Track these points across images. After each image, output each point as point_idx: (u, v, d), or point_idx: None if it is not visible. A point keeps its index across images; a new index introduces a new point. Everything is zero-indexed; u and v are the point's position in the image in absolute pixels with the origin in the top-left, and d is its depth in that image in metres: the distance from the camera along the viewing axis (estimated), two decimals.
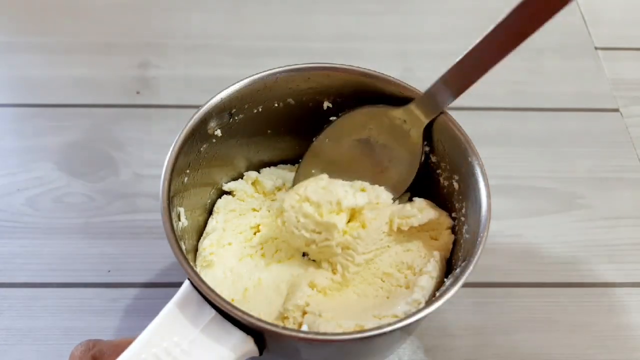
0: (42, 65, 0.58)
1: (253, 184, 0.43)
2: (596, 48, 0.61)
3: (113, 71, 0.58)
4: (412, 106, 0.38)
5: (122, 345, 0.31)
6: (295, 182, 0.42)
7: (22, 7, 0.63)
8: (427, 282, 0.36)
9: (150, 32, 0.61)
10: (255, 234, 0.41)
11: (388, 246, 0.39)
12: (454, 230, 0.39)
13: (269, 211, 0.42)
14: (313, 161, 0.42)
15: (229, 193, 0.42)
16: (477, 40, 0.34)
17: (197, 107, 0.37)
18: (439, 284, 0.37)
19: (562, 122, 0.56)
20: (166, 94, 0.56)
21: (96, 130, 0.53)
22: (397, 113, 0.39)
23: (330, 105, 0.41)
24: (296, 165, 0.44)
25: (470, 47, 0.34)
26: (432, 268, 0.37)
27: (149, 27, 0.62)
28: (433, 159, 0.40)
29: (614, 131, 0.55)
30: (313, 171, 0.42)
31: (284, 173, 0.44)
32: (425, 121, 0.38)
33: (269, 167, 0.44)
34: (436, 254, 0.38)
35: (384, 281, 0.38)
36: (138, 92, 0.56)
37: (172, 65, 0.58)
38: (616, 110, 0.57)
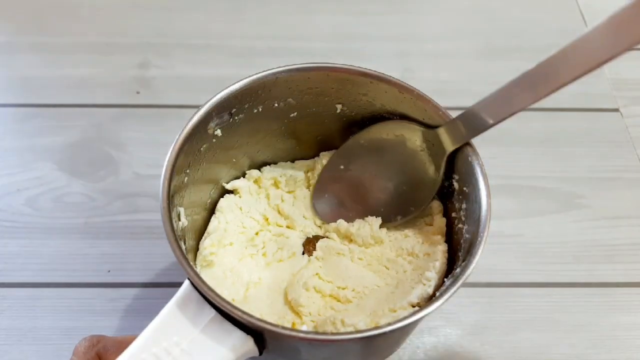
0: (42, 65, 0.58)
1: (255, 182, 0.43)
2: None
3: (113, 71, 0.58)
4: (440, 130, 0.37)
5: (126, 342, 0.31)
6: (320, 179, 0.43)
7: (22, 7, 0.63)
8: (440, 260, 0.38)
9: (150, 32, 0.61)
10: (257, 233, 0.41)
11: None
12: (448, 218, 0.40)
13: (274, 208, 0.42)
14: (340, 162, 0.42)
15: (230, 192, 0.42)
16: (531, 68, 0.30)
17: (197, 107, 0.37)
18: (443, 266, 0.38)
19: (562, 122, 0.56)
20: (166, 94, 0.56)
21: (96, 130, 0.53)
22: (423, 134, 0.38)
23: (332, 105, 0.41)
24: (296, 162, 0.44)
25: (513, 79, 0.31)
26: (443, 250, 0.39)
27: (149, 27, 0.62)
28: None
29: (614, 131, 0.55)
30: (342, 167, 0.42)
31: (286, 170, 0.44)
32: (449, 149, 0.37)
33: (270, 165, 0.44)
34: (438, 237, 0.39)
35: (388, 268, 0.39)
36: (138, 92, 0.56)
37: (172, 65, 0.59)
38: (616, 110, 0.57)
